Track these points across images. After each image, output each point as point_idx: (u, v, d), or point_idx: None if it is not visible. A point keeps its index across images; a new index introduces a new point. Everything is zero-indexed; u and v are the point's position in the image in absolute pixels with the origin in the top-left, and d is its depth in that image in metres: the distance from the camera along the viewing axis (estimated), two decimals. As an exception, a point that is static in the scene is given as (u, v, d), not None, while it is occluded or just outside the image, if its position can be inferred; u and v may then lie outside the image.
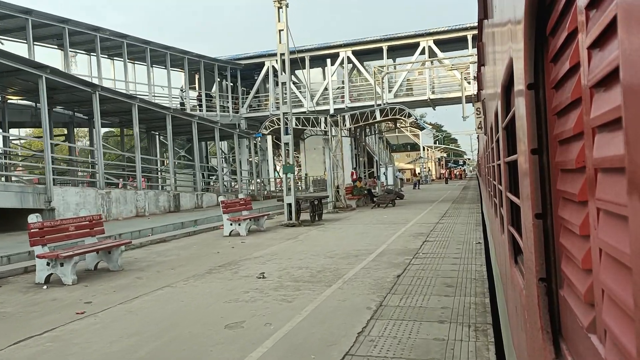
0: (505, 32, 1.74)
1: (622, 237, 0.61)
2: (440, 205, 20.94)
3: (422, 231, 12.03)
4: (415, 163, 59.44)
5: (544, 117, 1.15)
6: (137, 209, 16.24)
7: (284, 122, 14.22)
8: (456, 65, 28.15)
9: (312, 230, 13.10)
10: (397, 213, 17.67)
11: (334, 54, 32.57)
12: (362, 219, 16.14)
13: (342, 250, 9.24)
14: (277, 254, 9.25)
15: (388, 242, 10.30)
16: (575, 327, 0.94)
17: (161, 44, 25.12)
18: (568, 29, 0.88)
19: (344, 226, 13.91)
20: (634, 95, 0.52)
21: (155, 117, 19.08)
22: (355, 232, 12.41)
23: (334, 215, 18.16)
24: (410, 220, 14.76)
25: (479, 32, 5.65)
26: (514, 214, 1.98)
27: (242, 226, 11.97)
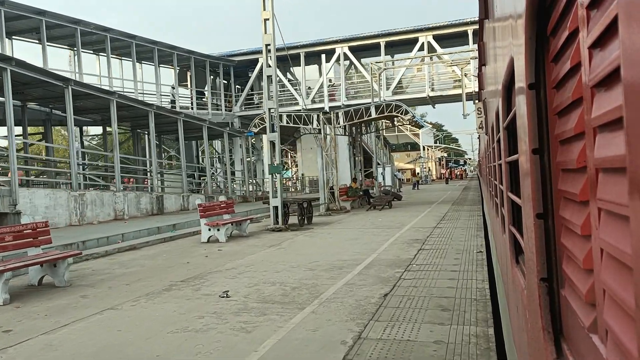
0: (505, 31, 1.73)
1: (623, 237, 0.62)
2: (439, 207, 19.85)
3: (418, 237, 10.90)
4: (416, 163, 58.23)
5: (545, 117, 1.15)
6: (115, 211, 15.20)
7: (270, 118, 13.08)
8: (456, 61, 27.01)
9: (299, 236, 12.01)
10: (393, 216, 16.79)
11: (329, 50, 31.48)
12: (355, 222, 15.06)
13: (327, 261, 8.63)
14: (253, 264, 8.17)
15: (379, 251, 9.21)
16: (576, 327, 0.94)
17: (148, 39, 24.15)
18: (569, 29, 0.89)
19: (334, 231, 12.80)
20: (635, 95, 0.53)
21: (138, 114, 18.10)
22: (345, 237, 11.68)
23: (325, 218, 17.10)
24: (406, 224, 13.69)
25: (480, 31, 5.64)
26: (515, 214, 1.96)
27: (222, 232, 10.89)
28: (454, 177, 69.07)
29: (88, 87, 16.19)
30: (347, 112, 19.46)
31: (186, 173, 22.33)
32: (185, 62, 29.28)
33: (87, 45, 24.11)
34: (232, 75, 33.77)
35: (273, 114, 13.76)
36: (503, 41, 1.90)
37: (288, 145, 43.42)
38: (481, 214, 16.88)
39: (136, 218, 16.80)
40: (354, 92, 34.29)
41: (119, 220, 15.93)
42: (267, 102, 13.72)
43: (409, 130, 71.59)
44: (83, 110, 18.74)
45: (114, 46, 24.03)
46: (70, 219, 14.13)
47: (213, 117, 29.54)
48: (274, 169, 13.44)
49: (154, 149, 19.15)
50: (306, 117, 19.47)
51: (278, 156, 13.67)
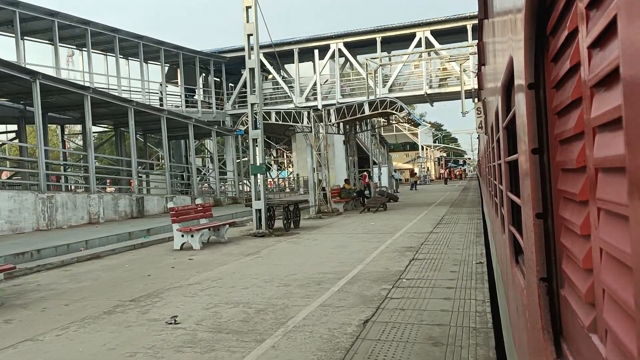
0: (505, 31, 1.77)
1: (622, 237, 0.63)
2: (436, 210, 18.80)
3: (412, 244, 9.87)
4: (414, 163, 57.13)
5: (545, 117, 1.17)
6: (89, 215, 14.18)
7: (252, 115, 11.98)
8: (455, 57, 25.86)
9: (282, 243, 11.01)
10: (387, 219, 16.36)
11: (324, 46, 30.44)
12: (345, 226, 14.04)
13: (305, 273, 7.92)
14: (222, 278, 7.19)
15: (366, 261, 8.20)
16: (576, 327, 0.95)
17: (132, 33, 23.04)
18: (568, 28, 0.90)
19: (321, 237, 11.84)
20: (634, 94, 0.53)
21: (118, 111, 17.03)
22: (331, 244, 11.07)
23: (315, 221, 16.07)
24: (400, 229, 12.63)
25: (479, 31, 5.65)
26: (515, 214, 1.99)
27: (196, 238, 9.84)
28: (453, 177, 68.04)
29: (58, 82, 15.09)
30: (339, 109, 18.47)
31: (171, 173, 21.25)
32: (173, 59, 28.29)
33: (68, 40, 22.95)
34: (224, 72, 32.66)
35: (256, 110, 12.64)
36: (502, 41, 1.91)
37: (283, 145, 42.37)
38: (481, 217, 15.66)
39: (113, 222, 15.76)
40: (349, 90, 33.14)
41: (93, 224, 14.85)
42: (249, 96, 12.60)
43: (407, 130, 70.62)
44: (59, 106, 17.66)
45: (96, 40, 22.95)
46: (38, 223, 13.09)
47: (204, 115, 28.54)
48: (256, 169, 12.38)
49: (133, 147, 18.09)
50: (296, 115, 18.38)
51: (261, 155, 12.58)
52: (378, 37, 30.84)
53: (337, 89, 31.22)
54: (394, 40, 31.46)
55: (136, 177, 18.32)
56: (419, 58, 29.12)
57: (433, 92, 31.19)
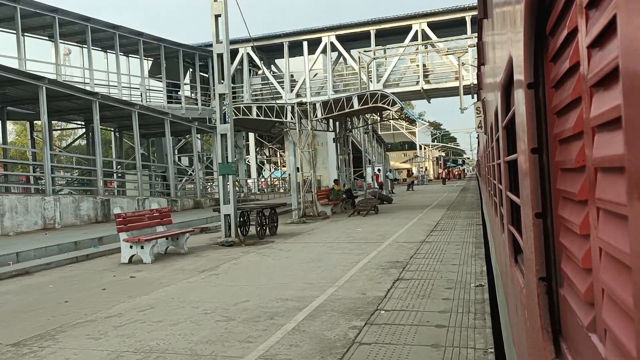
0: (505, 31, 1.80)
1: (621, 237, 0.64)
2: (432, 213, 17.18)
3: (399, 257, 9.41)
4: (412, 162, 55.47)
5: (544, 116, 1.19)
6: (44, 219, 12.56)
7: (221, 107, 10.31)
8: (452, 49, 24.15)
9: (249, 254, 9.59)
10: (377, 224, 15.23)
11: (315, 40, 28.77)
12: (328, 233, 13.69)
13: (261, 300, 6.62)
14: (154, 307, 5.77)
15: (341, 281, 6.75)
16: (575, 327, 0.97)
17: (107, 22, 21.22)
18: (568, 28, 0.91)
19: (297, 247, 11.38)
20: (634, 94, 0.54)
21: (85, 106, 15.22)
22: (305, 257, 9.81)
23: (297, 227, 14.51)
24: (389, 237, 11.10)
25: (479, 31, 5.61)
26: (514, 213, 2.03)
27: (146, 250, 8.20)
28: (452, 177, 66.33)
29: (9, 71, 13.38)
30: (325, 103, 16.89)
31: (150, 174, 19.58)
32: (155, 52, 26.51)
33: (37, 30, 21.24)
34: (210, 66, 31.03)
35: (225, 102, 10.98)
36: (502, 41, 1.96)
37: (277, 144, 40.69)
38: (480, 222, 13.86)
39: (73, 227, 14.18)
40: (342, 86, 31.45)
41: (49, 230, 13.15)
42: (217, 86, 10.94)
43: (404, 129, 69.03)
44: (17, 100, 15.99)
45: (66, 31, 21.22)
46: (-21, 229, 11.43)
47: (188, 112, 26.84)
48: (225, 168, 10.78)
49: (98, 144, 16.40)
50: (279, 110, 16.72)
51: (231, 153, 10.92)
52: (372, 29, 29.18)
53: (329, 85, 29.53)
54: (389, 34, 29.85)
55: (101, 178, 16.61)
56: (415, 51, 27.37)
57: (430, 87, 29.52)
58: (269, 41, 32.28)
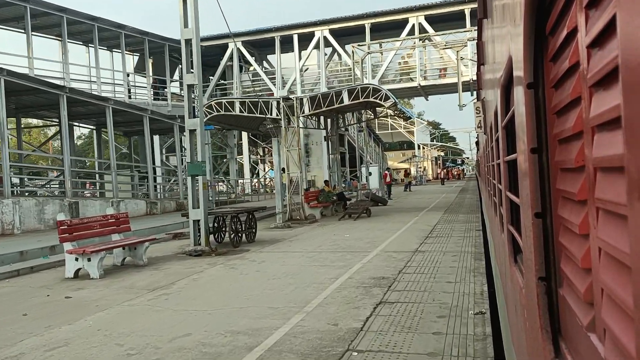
0: (504, 31, 1.79)
1: (621, 237, 0.64)
2: (428, 216, 15.89)
3: (386, 272, 8.29)
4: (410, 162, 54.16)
5: (544, 116, 1.19)
6: (2, 224, 11.10)
7: (189, 99, 9.00)
8: (451, 43, 22.83)
9: (215, 267, 9.49)
10: (367, 229, 14.07)
11: (308, 35, 27.37)
12: (311, 240, 12.62)
13: (204, 334, 5.35)
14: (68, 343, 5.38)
15: (311, 306, 6.48)
16: (574, 327, 0.97)
17: (84, 13, 19.86)
18: (568, 28, 0.91)
19: (273, 257, 10.24)
20: (634, 94, 0.54)
21: (53, 101, 13.91)
22: (278, 271, 8.62)
23: (280, 232, 14.83)
24: (378, 245, 10.51)
25: (479, 31, 5.47)
26: (514, 213, 2.01)
27: (93, 263, 6.99)
28: (451, 177, 65.04)
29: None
30: (313, 98, 15.59)
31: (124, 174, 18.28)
32: (139, 47, 25.18)
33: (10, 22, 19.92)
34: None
35: (195, 94, 9.68)
36: (502, 40, 1.97)
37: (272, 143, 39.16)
38: (480, 226, 13.13)
39: (36, 232, 13.05)
40: (337, 82, 30.15)
41: (5, 236, 11.90)
42: (185, 76, 9.64)
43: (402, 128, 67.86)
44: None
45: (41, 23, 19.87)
46: None
47: (174, 109, 25.64)
48: (194, 168, 9.53)
49: (66, 141, 15.05)
50: (264, 105, 15.40)
51: (201, 152, 9.61)
52: (367, 23, 27.94)
53: (323, 81, 28.22)
54: (384, 28, 28.64)
55: (69, 178, 15.29)
56: (413, 45, 26.02)
57: (427, 84, 28.17)
58: (260, 36, 31.05)
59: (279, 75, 29.86)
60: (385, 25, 28.57)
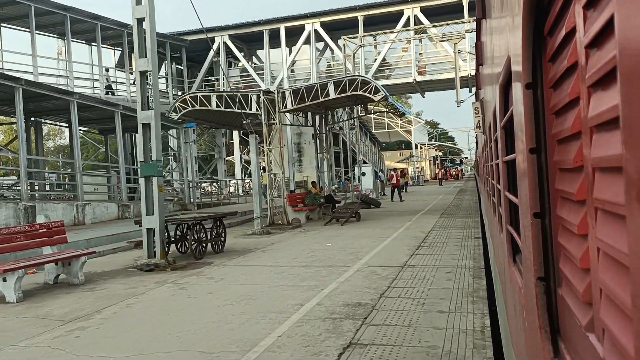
0: (503, 31, 1.81)
1: (619, 236, 0.65)
2: (423, 220, 14.70)
3: (364, 297, 6.78)
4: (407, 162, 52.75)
5: (542, 116, 1.21)
6: None
7: (143, 88, 7.47)
8: (447, 36, 21.28)
9: (162, 287, 7.95)
10: (353, 236, 12.76)
11: (298, 28, 25.77)
12: (288, 249, 11.21)
13: None
14: None
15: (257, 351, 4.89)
16: (573, 326, 0.99)
17: (55, 2, 18.34)
18: (566, 28, 0.93)
19: (235, 273, 8.74)
20: (632, 94, 0.55)
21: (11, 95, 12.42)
22: (235, 293, 7.15)
23: (256, 239, 13.32)
24: (361, 257, 9.71)
25: (477, 31, 5.65)
26: (513, 213, 2.03)
27: (9, 283, 5.45)
28: (449, 177, 63.57)
29: None
30: (296, 91, 14.05)
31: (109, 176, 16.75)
32: (116, 40, 23.70)
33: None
34: (185, 58, 28.13)
35: (149, 82, 8.19)
36: (500, 40, 1.99)
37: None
38: (480, 233, 11.95)
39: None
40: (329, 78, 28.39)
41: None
42: (137, 61, 8.16)
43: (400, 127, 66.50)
44: None
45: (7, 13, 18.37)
46: None
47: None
48: (147, 169, 8.07)
49: (22, 140, 13.56)
50: (243, 99, 13.89)
51: (157, 149, 8.12)
52: (360, 15, 26.54)
53: (314, 77, 26.77)
54: (378, 21, 27.35)
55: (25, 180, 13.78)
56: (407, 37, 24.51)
57: (423, 79, 26.57)
58: (247, 29, 29.62)
59: (268, 71, 28.46)
60: (379, 18, 27.25)
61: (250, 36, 30.12)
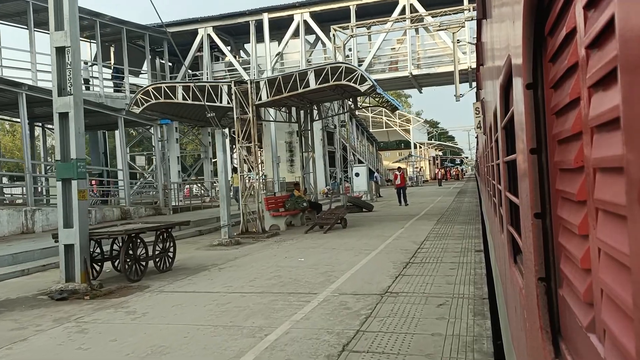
0: (503, 31, 1.80)
1: (620, 237, 0.65)
2: (417, 227, 14.46)
3: (319, 351, 4.66)
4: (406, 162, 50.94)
5: (543, 117, 1.21)
6: None
7: (60, 69, 5.57)
8: (446, 24, 19.45)
9: (50, 332, 5.79)
10: (332, 248, 10.87)
11: (286, 19, 23.84)
12: (250, 267, 9.24)
13: None
14: None
15: None
16: (574, 327, 0.99)
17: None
18: (567, 29, 0.94)
19: (165, 306, 6.79)
20: (633, 94, 0.55)
21: None
22: (145, 345, 5.12)
23: (218, 252, 11.34)
24: (335, 279, 7.78)
25: (478, 31, 5.52)
26: (513, 214, 2.03)
27: None
28: (449, 177, 61.71)
29: None
30: (272, 81, 12.17)
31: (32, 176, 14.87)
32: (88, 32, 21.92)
33: None
34: (166, 51, 26.37)
35: (68, 62, 6.34)
36: (501, 41, 1.98)
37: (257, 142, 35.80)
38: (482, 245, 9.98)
39: None
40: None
41: None
42: (53, 35, 6.30)
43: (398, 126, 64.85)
44: None
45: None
46: None
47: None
48: (64, 169, 6.23)
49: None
50: (213, 91, 12.08)
51: (76, 145, 6.28)
52: (352, 5, 24.88)
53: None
54: (372, 12, 25.99)
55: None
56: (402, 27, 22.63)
57: (420, 72, 24.74)
58: (233, 20, 27.93)
59: (254, 65, 26.78)
60: (373, 7, 25.72)
61: (236, 28, 28.46)
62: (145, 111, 14.79)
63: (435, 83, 29.39)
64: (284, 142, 27.67)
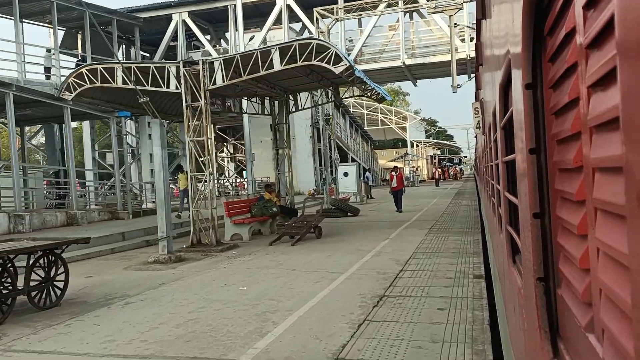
0: (503, 31, 1.79)
1: (619, 237, 0.66)
2: (404, 238, 11.98)
3: None
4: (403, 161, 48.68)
5: (542, 117, 1.22)
6: None
7: None
8: (442, 7, 17.14)
9: None
10: (293, 269, 8.51)
11: (268, 4, 21.45)
12: (165, 302, 6.69)
13: None
14: None
15: None
16: (573, 327, 1.00)
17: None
18: (566, 29, 0.95)
19: None
20: (632, 94, 0.56)
21: None
22: None
23: (146, 273, 8.94)
24: (271, 329, 5.16)
25: (477, 31, 5.52)
26: (512, 214, 2.02)
27: None
28: (447, 177, 59.34)
29: None
30: (229, 61, 9.77)
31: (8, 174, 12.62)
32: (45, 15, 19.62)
33: None
34: (138, 39, 24.00)
35: None
36: (500, 41, 1.97)
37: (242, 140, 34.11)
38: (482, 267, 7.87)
39: None
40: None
41: None
42: None
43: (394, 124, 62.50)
44: None
45: None
46: None
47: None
48: None
49: None
50: (158, 73, 9.73)
51: None
52: (340, -14, 22.56)
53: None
54: (362, -4, 23.10)
55: None
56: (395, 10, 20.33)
57: (414, 62, 22.39)
58: (208, 5, 25.26)
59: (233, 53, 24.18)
60: (362, -11, 23.02)
61: (216, 14, 26.15)
62: (79, 97, 12.44)
63: (430, 74, 27.29)
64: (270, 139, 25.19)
